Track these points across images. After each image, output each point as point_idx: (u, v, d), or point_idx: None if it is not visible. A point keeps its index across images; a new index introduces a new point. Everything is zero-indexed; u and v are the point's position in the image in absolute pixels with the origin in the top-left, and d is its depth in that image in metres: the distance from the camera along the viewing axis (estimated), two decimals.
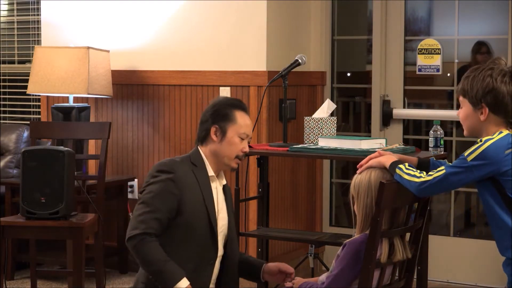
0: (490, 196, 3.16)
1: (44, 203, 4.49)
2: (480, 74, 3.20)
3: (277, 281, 3.56)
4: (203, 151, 3.41)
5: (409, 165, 3.28)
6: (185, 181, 3.30)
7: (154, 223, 3.22)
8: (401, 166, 3.26)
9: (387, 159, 3.34)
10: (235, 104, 3.45)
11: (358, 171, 3.40)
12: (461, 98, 3.28)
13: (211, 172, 3.40)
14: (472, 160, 3.11)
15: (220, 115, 3.39)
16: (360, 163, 3.41)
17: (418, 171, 3.24)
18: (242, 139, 3.40)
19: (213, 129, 3.39)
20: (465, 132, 3.32)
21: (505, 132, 3.17)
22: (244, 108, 3.46)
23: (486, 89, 3.17)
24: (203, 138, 3.42)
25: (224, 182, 3.50)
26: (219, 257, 3.37)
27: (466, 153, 3.15)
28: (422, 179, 3.18)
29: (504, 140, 3.13)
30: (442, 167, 3.20)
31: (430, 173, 3.21)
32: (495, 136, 3.14)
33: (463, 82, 3.25)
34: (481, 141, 3.15)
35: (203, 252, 3.33)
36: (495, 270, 5.35)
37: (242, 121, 3.41)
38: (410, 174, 3.22)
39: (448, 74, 6.03)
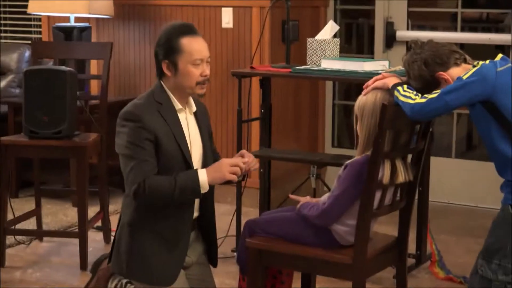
0: (486, 123, 3.16)
1: (47, 123, 4.49)
2: (411, 73, 3.31)
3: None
4: (166, 85, 3.31)
5: (408, 87, 3.26)
6: (154, 124, 3.21)
7: (147, 167, 3.18)
8: (399, 88, 3.25)
9: (391, 81, 3.33)
10: (180, 31, 3.28)
11: (363, 92, 3.39)
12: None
13: (178, 106, 3.31)
14: (467, 78, 3.11)
15: (167, 48, 3.25)
16: (365, 84, 3.40)
17: (415, 92, 3.23)
18: (197, 64, 3.27)
19: (164, 65, 3.27)
20: None
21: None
22: (190, 32, 3.29)
23: (424, 66, 3.26)
24: (160, 74, 3.32)
25: (194, 109, 3.39)
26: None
27: (461, 75, 3.16)
28: (416, 101, 3.17)
29: (495, 62, 3.16)
30: (438, 90, 3.20)
31: (425, 95, 3.20)
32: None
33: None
34: (478, 63, 3.18)
35: None
36: (496, 191, 5.40)
37: (191, 48, 3.25)
38: (406, 96, 3.20)
39: None
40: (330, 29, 4.79)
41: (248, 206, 5.65)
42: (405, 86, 3.26)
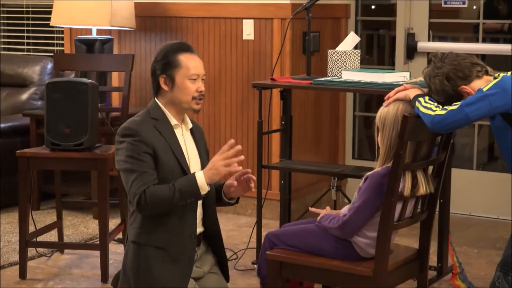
0: (505, 135, 3.15)
1: (68, 135, 4.51)
2: (432, 87, 3.32)
3: (242, 189, 3.43)
4: (161, 102, 3.39)
5: (429, 99, 3.25)
6: (151, 138, 3.29)
7: (148, 178, 3.23)
8: (420, 99, 3.24)
9: (413, 92, 3.32)
10: (178, 48, 3.40)
11: (384, 104, 3.38)
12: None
13: (173, 121, 3.39)
14: (487, 90, 3.10)
15: (165, 63, 3.36)
16: (387, 95, 3.39)
17: (436, 104, 3.21)
18: (194, 79, 3.36)
19: (161, 80, 3.37)
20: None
21: None
22: (188, 49, 3.41)
23: (446, 80, 3.28)
24: (157, 90, 3.41)
25: (190, 125, 3.48)
26: (200, 200, 3.39)
27: (482, 87, 3.15)
28: (436, 113, 3.15)
29: None
30: (459, 102, 3.19)
31: (445, 107, 3.19)
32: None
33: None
34: (498, 75, 3.16)
35: None
36: None
37: (188, 63, 3.36)
38: (427, 107, 3.19)
39: (474, 7, 5.96)
40: (351, 41, 4.79)
41: (268, 218, 5.65)
42: (426, 98, 3.24)
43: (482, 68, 3.29)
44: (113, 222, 5.27)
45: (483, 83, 3.20)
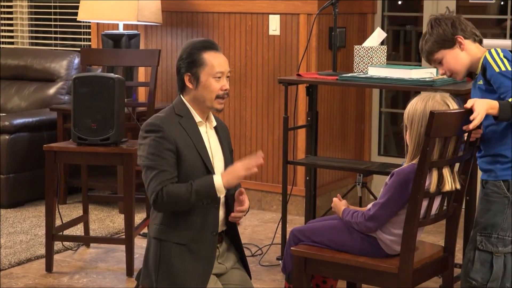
0: None
1: (95, 130, 4.53)
2: (434, 29, 3.49)
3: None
4: (186, 99, 3.42)
5: None
6: (174, 134, 3.31)
7: (166, 176, 3.26)
8: None
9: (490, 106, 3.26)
10: (202, 46, 3.41)
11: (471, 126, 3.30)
12: (437, 55, 3.48)
13: (198, 118, 3.41)
14: (505, 69, 3.32)
15: (190, 62, 3.38)
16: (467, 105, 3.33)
17: None
18: (218, 77, 3.38)
19: (186, 77, 3.39)
20: (459, 77, 3.54)
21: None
22: (212, 47, 3.42)
23: (450, 25, 3.46)
24: (182, 88, 3.43)
25: (214, 124, 3.49)
26: (222, 198, 3.40)
27: (500, 70, 3.32)
28: None
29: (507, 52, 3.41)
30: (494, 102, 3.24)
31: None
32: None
33: (428, 43, 3.49)
34: (490, 53, 3.41)
35: None
36: None
37: (213, 61, 3.38)
38: None
39: (502, 3, 5.92)
40: (377, 36, 4.77)
41: (293, 214, 5.65)
42: None
43: (478, 37, 3.52)
44: (139, 217, 5.30)
45: (475, 49, 3.47)
